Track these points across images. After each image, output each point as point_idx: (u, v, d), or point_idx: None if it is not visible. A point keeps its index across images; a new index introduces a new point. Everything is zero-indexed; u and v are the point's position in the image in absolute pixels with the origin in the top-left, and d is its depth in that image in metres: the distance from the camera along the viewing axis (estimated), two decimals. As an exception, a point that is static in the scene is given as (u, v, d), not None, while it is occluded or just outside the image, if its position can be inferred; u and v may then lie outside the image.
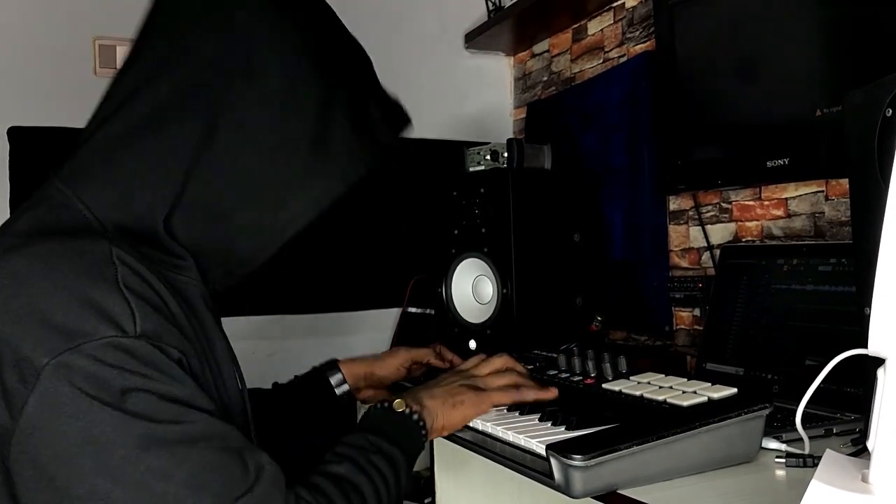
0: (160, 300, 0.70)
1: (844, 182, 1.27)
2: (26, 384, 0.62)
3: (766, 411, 0.88)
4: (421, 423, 0.90)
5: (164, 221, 0.75)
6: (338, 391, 1.16)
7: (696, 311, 1.57)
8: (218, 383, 0.78)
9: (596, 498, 0.82)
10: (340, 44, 0.85)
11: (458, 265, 1.66)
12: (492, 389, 1.00)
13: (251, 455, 0.69)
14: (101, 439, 0.62)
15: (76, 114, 1.88)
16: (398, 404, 0.90)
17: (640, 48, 1.75)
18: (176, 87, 0.75)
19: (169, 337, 0.68)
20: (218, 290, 0.84)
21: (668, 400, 0.91)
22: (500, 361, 1.07)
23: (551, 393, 1.02)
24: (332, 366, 1.18)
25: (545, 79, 2.13)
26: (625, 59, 1.80)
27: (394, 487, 0.81)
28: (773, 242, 1.42)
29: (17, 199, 1.72)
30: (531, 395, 1.01)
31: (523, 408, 0.99)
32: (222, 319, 0.84)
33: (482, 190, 1.61)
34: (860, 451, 0.88)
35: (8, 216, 1.92)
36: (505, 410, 1.00)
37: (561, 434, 0.87)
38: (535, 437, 0.87)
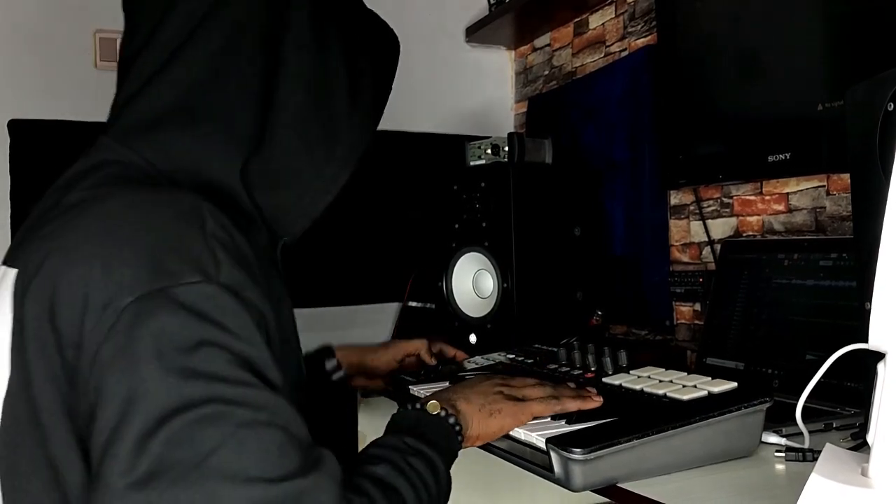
0: (245, 258, 0.69)
1: (845, 177, 1.26)
2: (102, 327, 0.59)
3: (766, 405, 0.89)
4: (457, 428, 0.83)
5: (241, 179, 0.76)
6: (334, 377, 1.17)
7: (697, 306, 1.57)
8: (286, 352, 0.74)
9: (595, 491, 0.82)
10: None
11: (458, 259, 1.66)
12: (531, 399, 0.91)
13: (312, 444, 0.64)
14: (156, 393, 0.58)
15: (77, 107, 1.89)
16: (432, 406, 0.83)
17: (641, 42, 1.75)
18: (227, 36, 0.76)
19: (251, 294, 0.65)
20: (289, 244, 0.84)
21: (669, 394, 0.92)
22: (531, 379, 0.98)
23: (594, 402, 0.92)
24: (328, 352, 1.18)
25: (546, 73, 2.12)
26: (626, 53, 1.80)
27: (436, 495, 0.73)
28: (774, 237, 1.42)
29: (17, 192, 1.72)
30: (573, 405, 0.91)
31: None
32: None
33: (483, 184, 1.61)
34: (860, 445, 0.88)
35: (9, 210, 1.90)
36: None
37: (561, 428, 0.87)
38: (534, 430, 0.87)
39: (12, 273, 0.67)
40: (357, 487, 0.67)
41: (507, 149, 1.66)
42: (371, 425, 1.68)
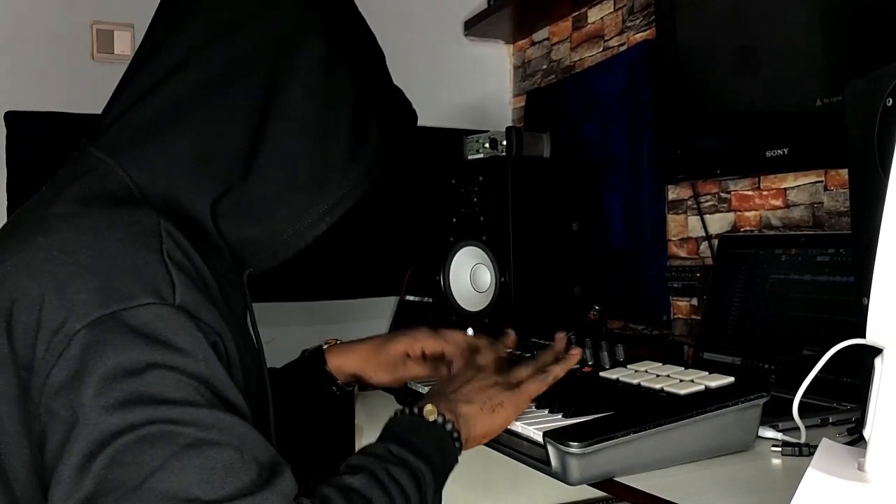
0: (202, 280, 0.69)
1: (843, 172, 1.26)
2: (53, 352, 0.60)
3: (763, 400, 0.89)
4: (455, 435, 0.80)
5: (210, 208, 0.76)
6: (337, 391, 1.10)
7: (694, 301, 1.58)
8: (247, 372, 0.75)
9: (592, 485, 0.82)
10: (367, 45, 0.90)
11: (456, 253, 1.66)
12: (524, 382, 0.90)
13: (274, 462, 0.64)
14: (99, 418, 0.59)
15: (73, 98, 1.88)
16: (429, 412, 0.79)
17: (640, 37, 1.75)
18: (225, 66, 0.76)
19: (208, 316, 0.66)
20: (255, 274, 0.83)
21: (666, 388, 0.92)
22: (488, 353, 0.98)
23: (574, 356, 0.97)
24: (321, 356, 1.10)
25: (545, 67, 2.12)
26: (625, 47, 1.79)
27: None
28: (772, 232, 1.42)
29: (14, 184, 1.71)
30: (560, 370, 0.93)
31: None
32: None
33: (481, 178, 1.61)
34: (856, 440, 0.88)
35: (5, 202, 1.90)
36: None
37: (558, 421, 0.87)
38: (532, 424, 0.87)
39: None
40: (322, 498, 0.65)
41: (505, 143, 1.66)
42: (368, 418, 1.68)
